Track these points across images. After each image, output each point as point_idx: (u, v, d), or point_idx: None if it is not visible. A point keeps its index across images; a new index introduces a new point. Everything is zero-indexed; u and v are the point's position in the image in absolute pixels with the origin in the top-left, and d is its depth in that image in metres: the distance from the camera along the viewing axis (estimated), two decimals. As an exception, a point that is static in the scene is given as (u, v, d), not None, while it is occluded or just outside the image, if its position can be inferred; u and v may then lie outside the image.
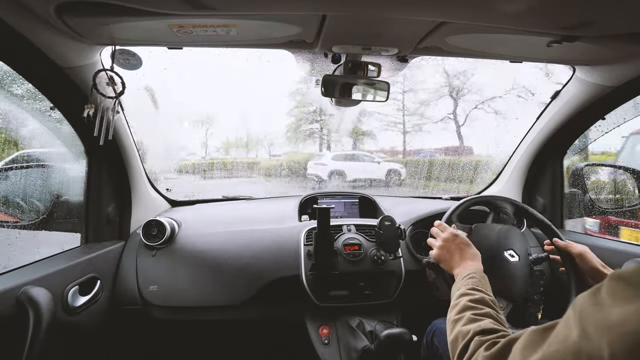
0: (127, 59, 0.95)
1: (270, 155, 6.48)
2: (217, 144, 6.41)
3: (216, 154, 6.21)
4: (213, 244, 1.26)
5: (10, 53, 0.78)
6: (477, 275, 0.72)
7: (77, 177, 1.16)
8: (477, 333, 0.55)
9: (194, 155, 5.67)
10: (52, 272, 0.91)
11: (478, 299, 0.64)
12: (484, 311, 0.61)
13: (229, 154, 6.42)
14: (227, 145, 6.43)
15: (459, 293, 0.69)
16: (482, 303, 0.63)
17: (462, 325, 0.59)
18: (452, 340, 0.59)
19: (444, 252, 0.85)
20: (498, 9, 0.68)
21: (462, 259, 0.81)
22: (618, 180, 1.66)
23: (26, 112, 1.09)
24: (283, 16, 0.76)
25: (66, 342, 0.98)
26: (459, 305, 0.65)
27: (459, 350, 0.56)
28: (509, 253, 0.96)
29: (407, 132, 6.58)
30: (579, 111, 1.22)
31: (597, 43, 0.85)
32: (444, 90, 6.43)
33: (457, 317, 0.62)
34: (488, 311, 0.61)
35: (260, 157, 6.45)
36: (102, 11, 0.71)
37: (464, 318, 0.60)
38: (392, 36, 0.87)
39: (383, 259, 1.21)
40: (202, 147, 5.82)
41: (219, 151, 6.33)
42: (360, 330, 1.12)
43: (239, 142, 6.51)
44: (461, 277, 0.74)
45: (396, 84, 6.08)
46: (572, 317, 0.38)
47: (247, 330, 1.47)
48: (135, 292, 1.16)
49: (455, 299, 0.68)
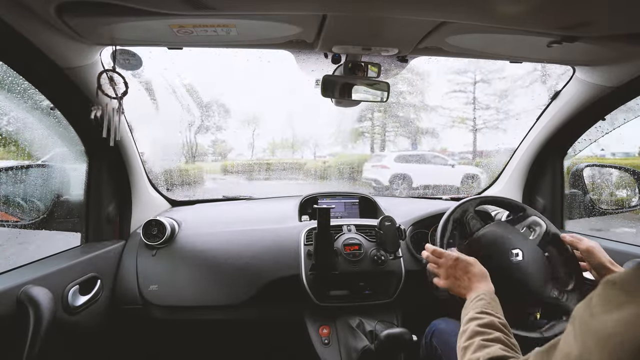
0: (127, 59, 0.95)
1: (315, 156, 6.11)
2: (263, 145, 6.09)
3: (262, 154, 5.92)
4: (213, 244, 1.26)
5: (10, 53, 0.78)
6: (486, 297, 0.70)
7: (78, 177, 1.17)
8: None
9: (242, 155, 5.49)
10: (52, 272, 0.91)
11: (487, 322, 0.63)
12: (493, 336, 0.59)
13: (275, 154, 6.10)
14: (273, 146, 6.11)
15: (467, 317, 0.67)
16: (491, 327, 0.62)
17: (472, 353, 0.57)
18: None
19: (452, 280, 0.82)
20: (498, 9, 0.68)
21: (470, 282, 0.78)
22: (619, 181, 1.66)
23: (26, 112, 1.09)
24: (283, 16, 0.76)
25: (66, 342, 0.98)
26: (468, 331, 0.63)
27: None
28: (515, 252, 0.95)
29: (479, 129, 5.33)
30: (579, 111, 1.22)
31: (597, 43, 0.85)
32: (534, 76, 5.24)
33: (466, 344, 0.61)
34: (498, 336, 0.59)
35: (306, 158, 6.05)
36: (102, 11, 0.71)
37: (474, 345, 0.59)
38: (392, 36, 0.87)
39: (383, 259, 1.21)
40: (248, 148, 5.59)
41: (265, 152, 6.06)
42: (360, 330, 1.12)
43: (285, 143, 6.16)
44: (470, 300, 0.72)
45: (467, 72, 5.28)
46: (571, 333, 0.38)
47: (247, 330, 1.47)
48: (136, 292, 1.16)
49: (464, 324, 0.66)
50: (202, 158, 4.77)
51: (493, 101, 5.41)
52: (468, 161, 5.08)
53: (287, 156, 5.87)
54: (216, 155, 5.33)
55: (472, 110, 5.53)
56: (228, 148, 5.48)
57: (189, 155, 3.69)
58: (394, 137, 5.66)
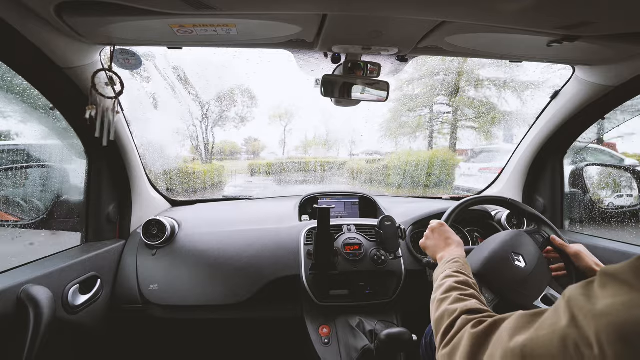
0: (127, 59, 0.95)
1: (351, 154, 5.57)
2: (295, 142, 5.67)
3: (295, 152, 5.50)
4: (213, 244, 1.26)
5: (10, 53, 0.78)
6: (460, 260, 0.75)
7: (78, 177, 1.17)
8: (464, 312, 0.56)
9: (274, 154, 5.16)
10: (52, 271, 0.91)
11: (463, 281, 0.67)
12: (469, 292, 0.63)
13: (307, 152, 5.64)
14: (305, 144, 5.59)
15: (444, 275, 0.71)
16: (466, 285, 0.66)
17: (449, 305, 0.60)
18: (438, 318, 0.60)
19: (429, 241, 0.90)
20: (498, 8, 0.68)
21: (446, 245, 0.86)
22: (619, 181, 1.66)
23: (26, 112, 1.09)
24: (283, 16, 0.76)
25: (66, 341, 0.99)
26: (444, 286, 0.67)
27: (444, 327, 0.57)
28: (517, 258, 0.93)
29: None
30: (578, 111, 1.22)
31: (597, 43, 0.85)
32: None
33: (443, 296, 0.64)
34: (472, 292, 0.64)
35: (342, 156, 5.45)
36: (102, 11, 0.71)
37: (451, 298, 0.62)
38: (392, 36, 0.87)
39: (383, 259, 1.22)
40: (280, 146, 5.18)
41: (298, 150, 5.65)
42: (360, 330, 1.12)
43: (318, 140, 5.65)
44: (445, 262, 0.77)
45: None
46: (562, 306, 0.39)
47: (247, 330, 1.47)
48: (136, 291, 1.16)
49: (440, 280, 0.70)
50: (236, 157, 4.58)
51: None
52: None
53: (320, 154, 5.42)
54: (249, 153, 5.10)
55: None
56: (261, 146, 5.21)
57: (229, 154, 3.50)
58: (480, 127, 4.29)
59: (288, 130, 5.38)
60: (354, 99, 1.05)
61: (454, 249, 0.84)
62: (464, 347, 0.49)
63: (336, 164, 4.53)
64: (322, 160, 4.63)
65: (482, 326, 0.49)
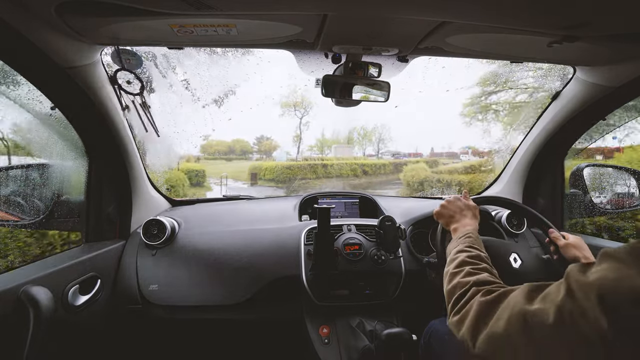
0: (128, 59, 0.95)
1: (379, 153, 4.99)
2: (310, 141, 5.07)
3: (308, 152, 4.98)
4: (213, 244, 1.26)
5: (10, 53, 0.78)
6: (473, 235, 0.78)
7: (78, 177, 1.17)
8: (475, 284, 0.59)
9: (289, 155, 4.72)
10: (52, 271, 0.91)
11: (475, 255, 0.70)
12: (481, 266, 0.66)
13: (323, 152, 4.97)
14: (321, 143, 4.90)
15: (457, 249, 0.74)
16: (479, 259, 0.68)
17: (461, 278, 0.63)
18: (450, 290, 0.63)
19: (445, 210, 0.91)
20: (499, 9, 0.68)
21: (462, 216, 0.87)
22: (619, 181, 1.66)
23: (27, 112, 1.09)
24: (283, 16, 0.76)
25: (66, 341, 0.99)
26: (457, 260, 0.69)
27: (456, 297, 0.60)
28: (513, 257, 0.95)
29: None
30: (579, 111, 1.22)
31: (598, 43, 0.85)
32: None
33: (455, 270, 0.67)
34: (485, 266, 0.66)
35: (366, 157, 4.81)
36: (103, 11, 0.71)
37: (463, 272, 0.65)
38: (393, 36, 0.87)
39: (383, 259, 1.22)
40: (294, 143, 4.50)
41: (313, 149, 5.10)
42: (360, 330, 1.12)
43: (338, 139, 4.99)
44: (458, 237, 0.79)
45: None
46: (563, 283, 0.44)
47: (247, 330, 1.47)
48: (136, 291, 1.16)
49: (453, 254, 0.73)
50: (248, 157, 4.22)
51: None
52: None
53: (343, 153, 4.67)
54: (260, 153, 4.72)
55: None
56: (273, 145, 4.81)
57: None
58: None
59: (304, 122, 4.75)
60: (354, 99, 1.05)
61: (468, 221, 0.85)
62: (473, 313, 0.53)
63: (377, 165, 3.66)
64: (343, 162, 3.84)
65: (491, 295, 0.53)
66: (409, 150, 4.95)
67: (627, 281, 0.36)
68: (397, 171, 3.87)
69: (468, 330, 0.52)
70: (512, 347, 0.45)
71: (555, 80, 1.23)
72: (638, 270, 0.36)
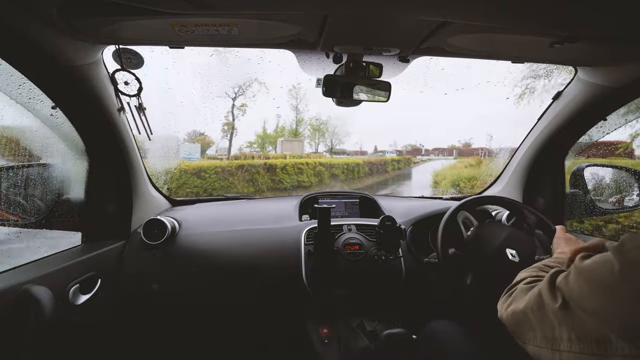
0: (129, 59, 0.95)
1: (376, 150, 4.31)
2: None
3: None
4: (214, 243, 1.26)
5: (11, 52, 0.78)
6: (550, 264, 0.76)
7: (78, 176, 1.17)
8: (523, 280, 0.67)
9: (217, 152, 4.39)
10: (53, 271, 0.91)
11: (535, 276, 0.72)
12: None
13: (265, 149, 4.06)
14: (262, 139, 4.18)
15: (521, 276, 0.75)
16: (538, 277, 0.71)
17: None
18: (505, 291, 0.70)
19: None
20: (500, 9, 0.68)
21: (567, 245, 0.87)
22: (619, 181, 1.66)
23: (27, 111, 1.09)
24: (285, 16, 0.76)
25: (67, 340, 0.99)
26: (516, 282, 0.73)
27: (508, 288, 0.68)
28: (511, 252, 0.95)
29: None
30: (580, 112, 1.22)
31: (599, 44, 0.85)
32: None
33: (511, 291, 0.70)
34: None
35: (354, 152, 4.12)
36: (104, 10, 0.71)
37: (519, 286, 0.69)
38: (394, 36, 0.87)
39: (383, 259, 1.22)
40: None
41: (252, 147, 4.68)
42: (360, 330, 1.12)
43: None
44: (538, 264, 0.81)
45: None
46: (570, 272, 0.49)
47: (247, 330, 1.48)
48: (136, 291, 1.16)
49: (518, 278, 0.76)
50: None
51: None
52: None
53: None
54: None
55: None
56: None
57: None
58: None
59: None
60: (355, 99, 1.05)
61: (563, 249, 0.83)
62: (515, 293, 0.63)
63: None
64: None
65: (531, 284, 0.62)
66: (354, 148, 4.84)
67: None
68: (377, 172, 3.12)
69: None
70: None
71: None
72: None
